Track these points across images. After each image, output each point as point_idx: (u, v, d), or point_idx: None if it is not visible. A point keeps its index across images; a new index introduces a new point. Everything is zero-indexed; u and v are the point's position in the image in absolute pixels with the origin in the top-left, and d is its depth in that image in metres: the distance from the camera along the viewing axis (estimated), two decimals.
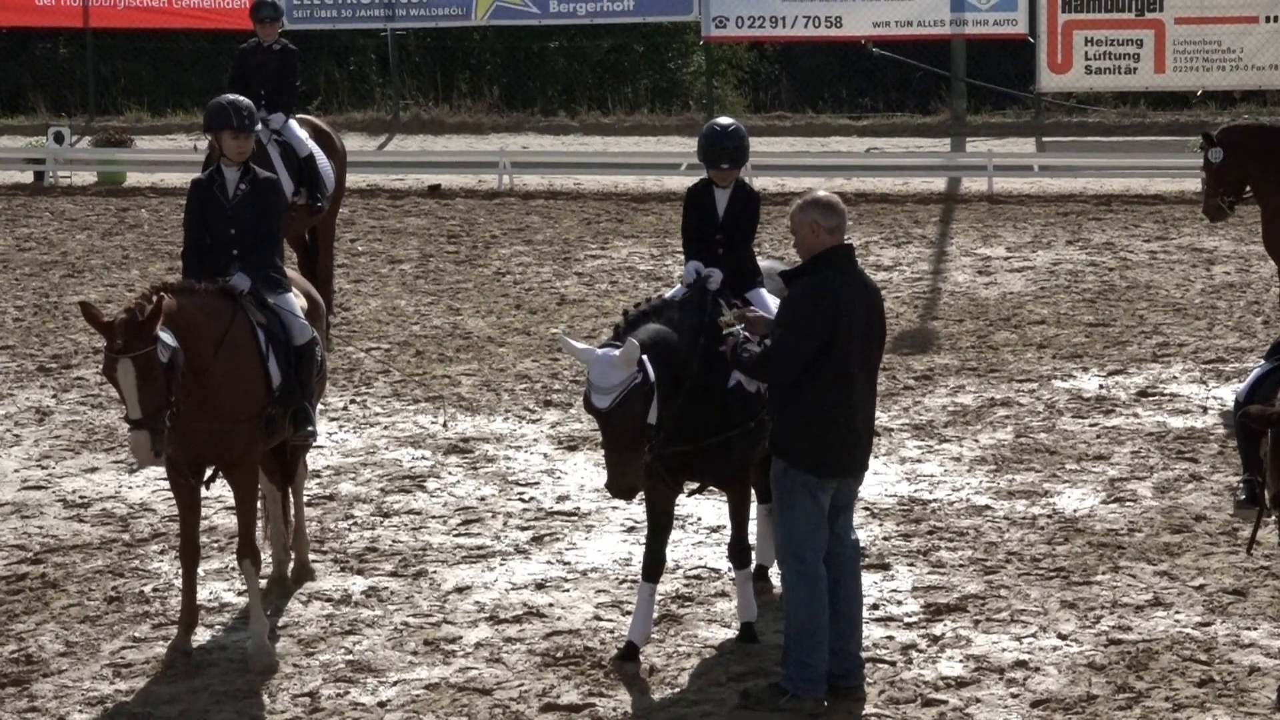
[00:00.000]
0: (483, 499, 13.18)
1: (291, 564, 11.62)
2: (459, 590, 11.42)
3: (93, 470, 14.04)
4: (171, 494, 10.91)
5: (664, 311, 10.10)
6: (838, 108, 32.94)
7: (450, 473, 13.81)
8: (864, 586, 10.12)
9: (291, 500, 11.72)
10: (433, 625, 10.87)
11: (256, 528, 10.79)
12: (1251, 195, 16.71)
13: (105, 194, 27.25)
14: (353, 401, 15.79)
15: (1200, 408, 15.16)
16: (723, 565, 11.51)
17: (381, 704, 9.84)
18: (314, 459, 13.42)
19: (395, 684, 10.08)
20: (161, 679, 10.20)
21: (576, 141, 30.89)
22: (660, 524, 10.38)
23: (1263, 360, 10.36)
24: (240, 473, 10.51)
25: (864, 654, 9.94)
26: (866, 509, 12.57)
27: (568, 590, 11.40)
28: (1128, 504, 12.84)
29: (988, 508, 12.78)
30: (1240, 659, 10.14)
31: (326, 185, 17.88)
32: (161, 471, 11.75)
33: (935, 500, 12.97)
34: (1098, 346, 17.28)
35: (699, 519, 12.52)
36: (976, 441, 14.32)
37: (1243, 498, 10.35)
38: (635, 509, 12.11)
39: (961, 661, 10.21)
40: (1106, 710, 9.58)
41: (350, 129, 30.06)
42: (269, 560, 11.53)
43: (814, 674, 9.57)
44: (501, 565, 11.86)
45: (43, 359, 17.39)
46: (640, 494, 10.09)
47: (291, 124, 17.69)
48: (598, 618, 10.94)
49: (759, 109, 33.91)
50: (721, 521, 11.92)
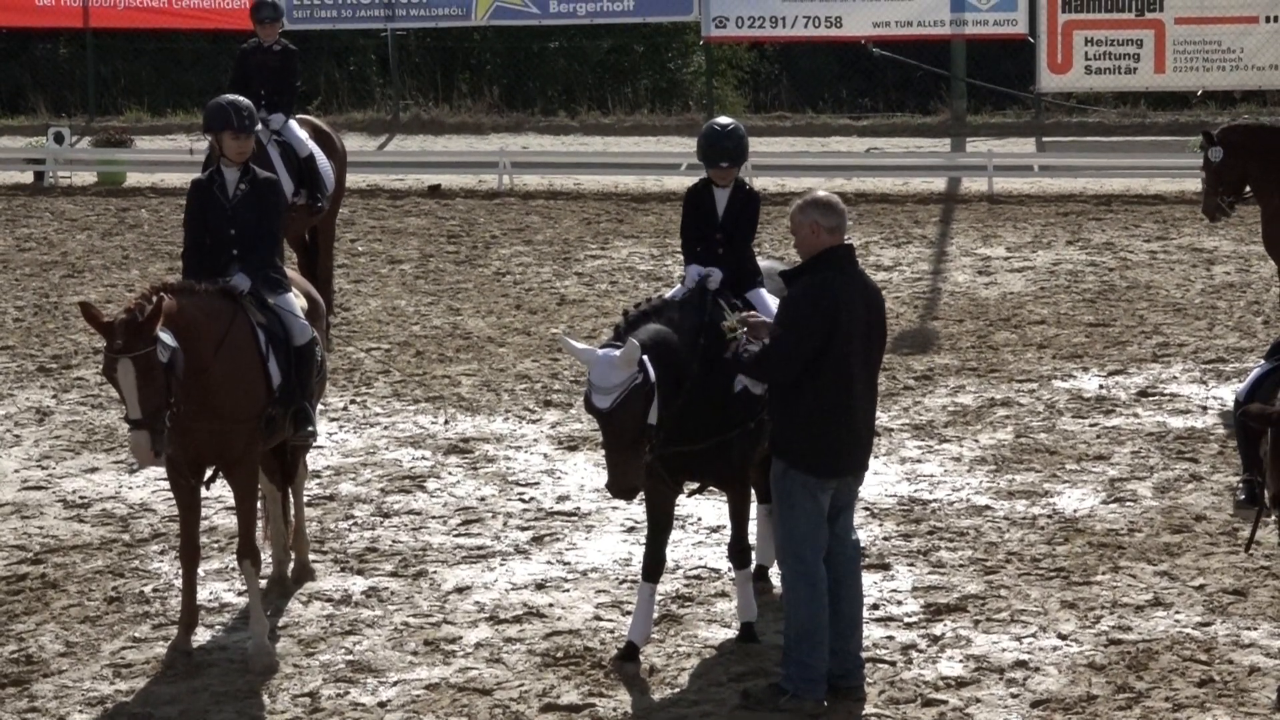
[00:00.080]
0: (483, 499, 13.18)
1: (291, 564, 11.62)
2: (459, 590, 11.41)
3: (93, 470, 14.04)
4: (171, 494, 10.91)
5: (664, 311, 10.10)
6: (838, 108, 32.92)
7: (450, 473, 13.81)
8: (864, 586, 10.11)
9: (291, 500, 11.71)
10: (433, 625, 10.87)
11: (256, 528, 10.78)
12: (1251, 195, 16.71)
13: (105, 194, 27.24)
14: (353, 402, 15.78)
15: (1200, 408, 15.16)
16: (723, 565, 11.51)
17: (382, 704, 9.84)
18: (314, 459, 13.42)
19: (395, 684, 10.07)
20: (162, 679, 10.20)
21: (576, 142, 30.88)
22: (660, 524, 10.38)
23: (1263, 360, 10.36)
24: (240, 473, 10.51)
25: (864, 654, 9.94)
26: (867, 509, 12.56)
27: (568, 590, 11.39)
28: (1128, 504, 12.83)
29: (988, 508, 12.78)
30: (1240, 659, 10.13)
31: (326, 185, 17.87)
32: (161, 472, 11.75)
33: (935, 500, 12.97)
34: (1098, 346, 17.28)
35: (699, 519, 12.52)
36: (976, 441, 14.32)
37: (1242, 498, 10.35)
38: (635, 509, 12.11)
39: (961, 661, 10.20)
40: (1106, 710, 9.58)
41: (350, 129, 30.05)
42: (269, 560, 11.53)
43: (814, 674, 9.57)
44: (502, 565, 11.86)
45: (43, 359, 17.39)
46: (640, 494, 10.09)
47: (291, 124, 17.68)
48: (598, 618, 10.94)
49: (759, 109, 33.90)
50: (721, 522, 11.92)
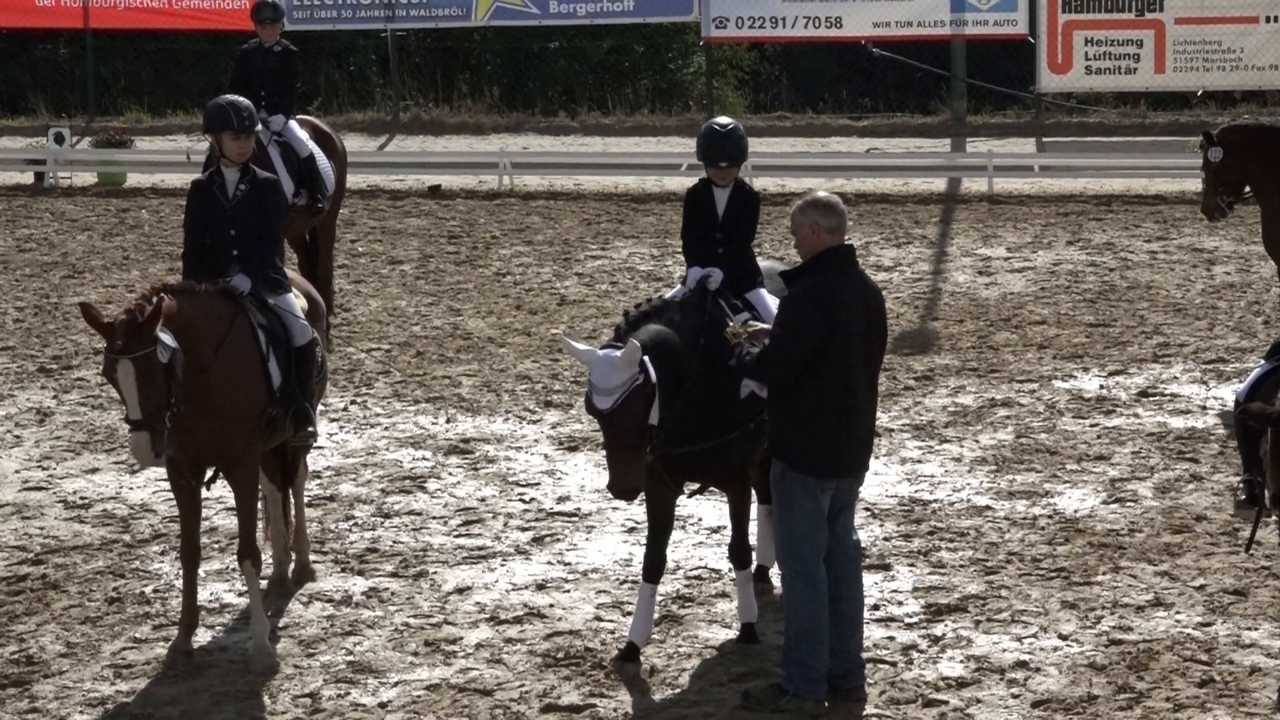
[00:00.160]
0: (483, 500, 13.18)
1: (292, 565, 11.61)
2: (460, 591, 11.41)
3: (93, 471, 14.04)
4: (172, 495, 10.91)
5: (664, 312, 10.10)
6: (838, 108, 32.92)
7: (451, 473, 13.81)
8: (865, 587, 10.11)
9: (292, 501, 11.71)
10: (433, 626, 10.87)
11: (257, 529, 10.78)
12: (1251, 195, 16.71)
13: (105, 195, 27.24)
14: (353, 402, 15.78)
15: (1201, 408, 15.16)
16: (723, 566, 11.51)
17: (382, 705, 9.84)
18: (314, 460, 13.42)
19: (396, 685, 10.07)
20: (162, 680, 10.20)
21: (577, 142, 30.87)
22: (661, 525, 10.38)
23: (1263, 360, 10.36)
24: (241, 473, 10.51)
25: (865, 654, 9.94)
26: (867, 509, 12.56)
27: (568, 591, 11.39)
28: (1128, 504, 12.83)
29: (988, 508, 12.78)
30: (1241, 659, 10.13)
31: (327, 186, 17.87)
32: (162, 472, 11.75)
33: (936, 501, 12.97)
34: (1098, 347, 17.27)
35: (699, 520, 12.52)
36: (977, 442, 14.31)
37: (1243, 498, 10.35)
38: (636, 510, 12.10)
39: (962, 662, 10.20)
40: (1107, 710, 9.58)
41: (350, 129, 30.05)
42: (269, 561, 11.53)
43: (815, 674, 9.57)
44: (502, 566, 11.86)
45: (43, 360, 17.39)
46: (641, 495, 10.09)
47: (292, 125, 17.68)
48: (598, 618, 10.94)
49: (759, 109, 33.90)
50: (722, 522, 11.92)
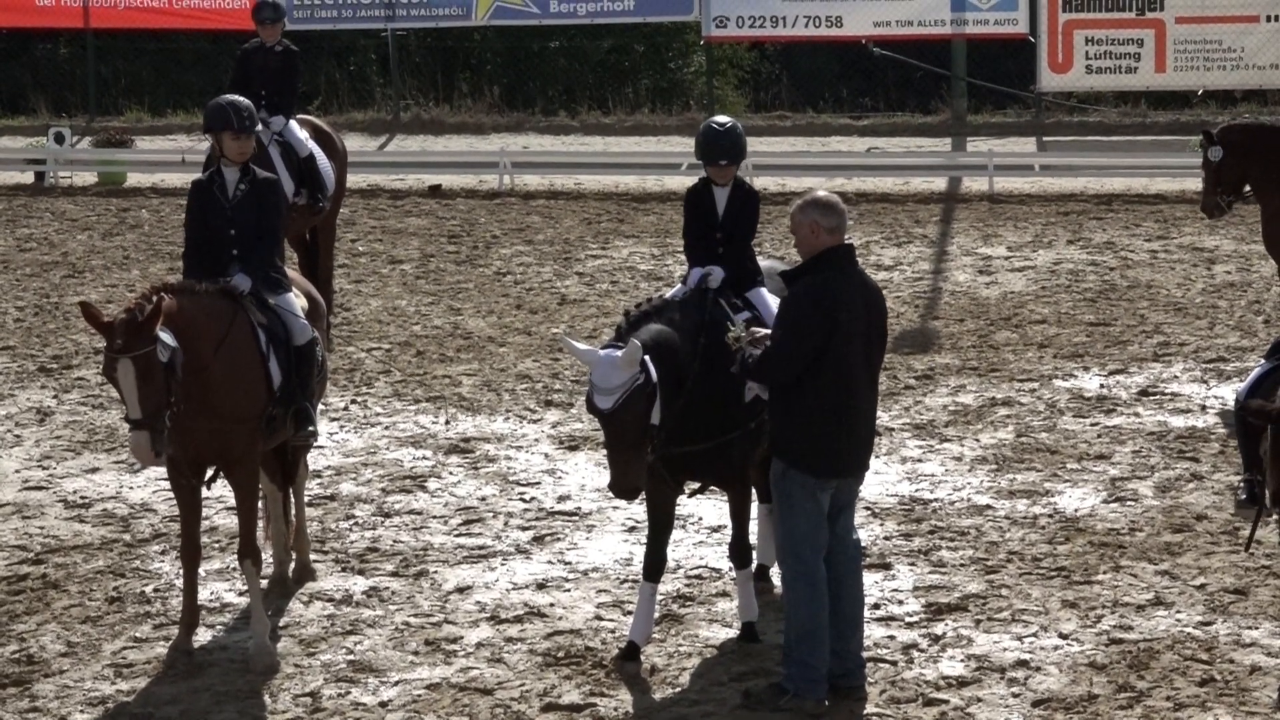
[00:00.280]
0: (484, 499, 13.18)
1: (292, 564, 11.62)
2: (460, 590, 11.41)
3: (94, 471, 14.04)
4: (172, 494, 10.91)
5: (665, 311, 10.10)
6: (838, 107, 32.91)
7: (451, 473, 13.81)
8: (865, 586, 10.11)
9: (292, 500, 11.71)
10: (434, 625, 10.87)
11: (257, 528, 10.79)
12: (1251, 194, 16.70)
13: (106, 194, 27.24)
14: (353, 401, 15.78)
15: (1201, 407, 15.16)
16: (724, 565, 11.51)
17: (383, 704, 9.84)
18: (315, 459, 13.42)
19: (396, 684, 10.07)
20: (163, 679, 10.20)
21: (577, 141, 30.87)
22: (661, 524, 10.38)
23: (1263, 360, 10.36)
24: (241, 473, 10.51)
25: (865, 653, 9.94)
26: (868, 508, 12.56)
27: (569, 590, 11.39)
28: (1129, 503, 12.83)
29: (989, 507, 12.77)
30: (1241, 658, 10.13)
31: (327, 185, 17.87)
32: (162, 472, 11.75)
33: (936, 500, 12.97)
34: (1099, 346, 17.27)
35: (700, 519, 12.51)
36: (977, 441, 14.31)
37: (1243, 497, 10.34)
38: (636, 509, 12.10)
39: (963, 661, 10.20)
40: (1108, 710, 9.58)
41: (351, 129, 30.05)
42: (270, 560, 11.53)
43: (815, 674, 9.57)
44: (503, 565, 11.86)
45: (43, 359, 17.39)
46: (641, 494, 10.09)
47: (292, 124, 17.67)
48: (599, 618, 10.94)
49: (760, 109, 33.89)
50: (722, 521, 11.92)
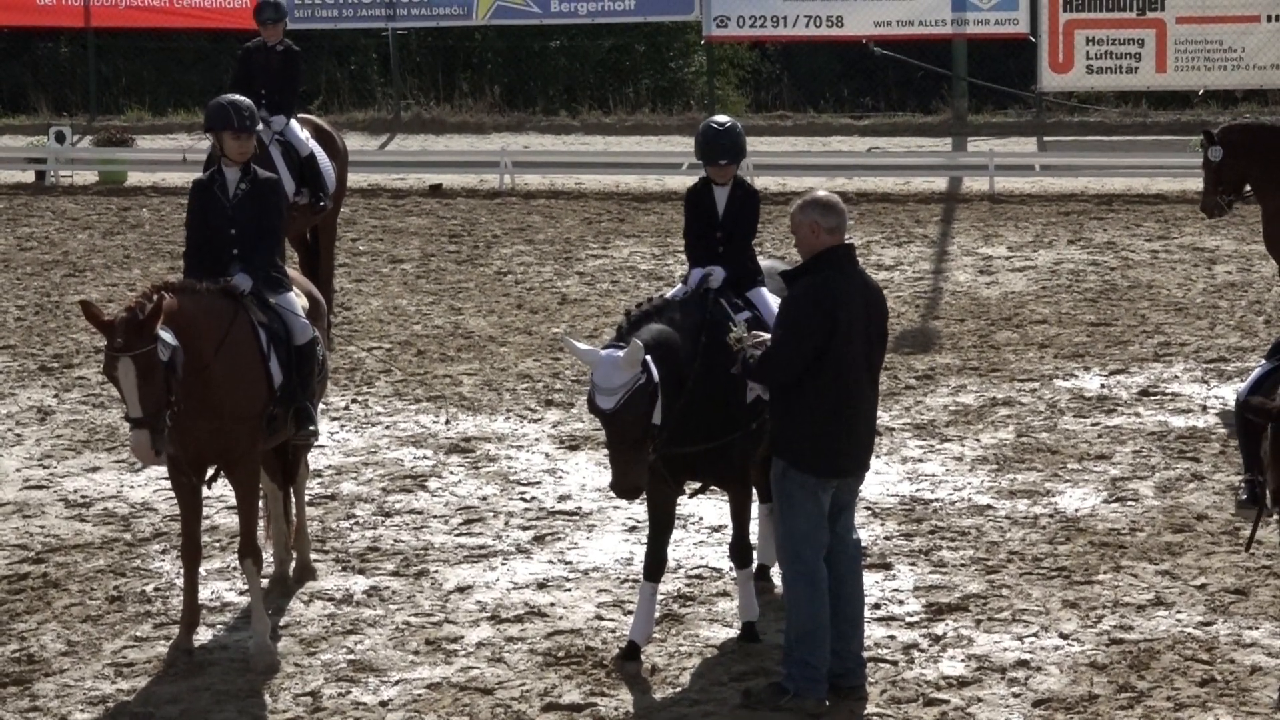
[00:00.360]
0: (484, 498, 13.18)
1: (293, 563, 11.62)
2: (460, 590, 11.41)
3: (94, 470, 14.04)
4: (173, 493, 10.91)
5: (665, 311, 10.10)
6: (839, 107, 32.92)
7: (452, 472, 13.81)
8: (865, 586, 10.11)
9: (293, 500, 11.71)
10: (434, 625, 10.87)
11: (258, 527, 10.79)
12: (1251, 194, 16.70)
13: (106, 193, 27.25)
14: (354, 401, 15.78)
15: (1202, 407, 15.16)
16: (724, 565, 11.51)
17: (383, 703, 9.84)
18: (315, 458, 13.41)
19: (397, 683, 10.07)
20: (163, 678, 10.20)
21: (578, 141, 30.88)
22: (662, 524, 10.38)
23: (1264, 360, 10.36)
24: (242, 472, 10.51)
25: (865, 653, 9.93)
26: (868, 508, 12.56)
27: (569, 590, 11.39)
28: (1129, 503, 12.83)
29: (989, 507, 12.77)
30: (1242, 658, 10.13)
31: (328, 185, 17.87)
32: (163, 471, 11.75)
33: (937, 500, 12.97)
34: (1099, 346, 17.27)
35: (700, 518, 12.51)
36: (978, 441, 14.31)
37: (1244, 497, 10.35)
38: (637, 508, 12.10)
39: (963, 661, 10.20)
40: (1108, 710, 9.58)
41: (351, 128, 30.06)
42: (270, 559, 11.53)
43: (816, 674, 9.57)
44: (503, 565, 11.86)
45: (44, 358, 17.39)
46: (642, 494, 10.08)
47: (293, 124, 17.68)
48: (599, 617, 10.94)
49: (760, 109, 33.90)
50: (723, 521, 11.92)
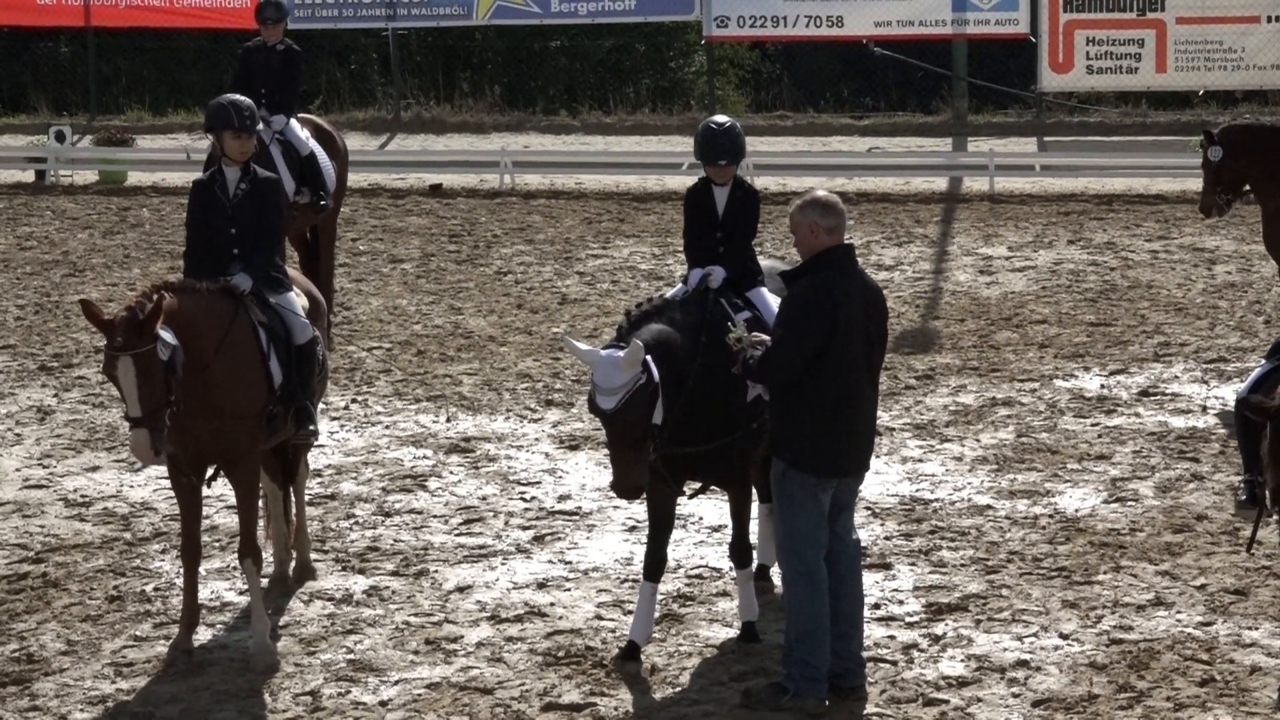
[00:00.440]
0: (484, 498, 13.18)
1: (293, 563, 11.62)
2: (460, 590, 11.41)
3: (94, 469, 14.04)
4: (172, 493, 10.91)
5: (666, 311, 10.11)
6: (839, 107, 32.92)
7: (452, 472, 13.81)
8: (865, 586, 10.12)
9: (293, 499, 11.72)
10: (434, 624, 10.87)
11: (258, 527, 10.79)
12: (1250, 194, 16.70)
13: (106, 193, 27.24)
14: (354, 401, 15.78)
15: (1202, 407, 15.16)
16: (724, 565, 11.51)
17: (383, 703, 9.84)
18: (315, 458, 13.41)
19: (397, 683, 10.07)
20: (163, 678, 10.20)
21: (578, 141, 30.87)
22: (662, 523, 10.38)
23: (1264, 360, 10.36)
24: (242, 471, 10.51)
25: (865, 653, 9.94)
26: (868, 508, 12.56)
27: (569, 590, 11.39)
28: (1129, 503, 12.83)
29: (989, 507, 12.77)
30: (1242, 659, 10.13)
31: (328, 184, 17.87)
32: (163, 470, 11.75)
33: (937, 500, 12.97)
34: (1099, 346, 17.27)
35: (700, 518, 12.51)
36: (978, 441, 14.31)
37: (1243, 498, 10.34)
38: (636, 508, 12.11)
39: (963, 661, 10.20)
40: (1108, 710, 9.58)
41: (352, 128, 30.05)
42: (270, 559, 11.53)
43: (815, 673, 9.57)
44: (503, 564, 11.86)
45: (44, 358, 17.39)
46: (643, 494, 10.08)
47: (293, 123, 17.68)
48: (599, 617, 10.94)
49: (760, 109, 33.89)
50: (723, 521, 11.91)
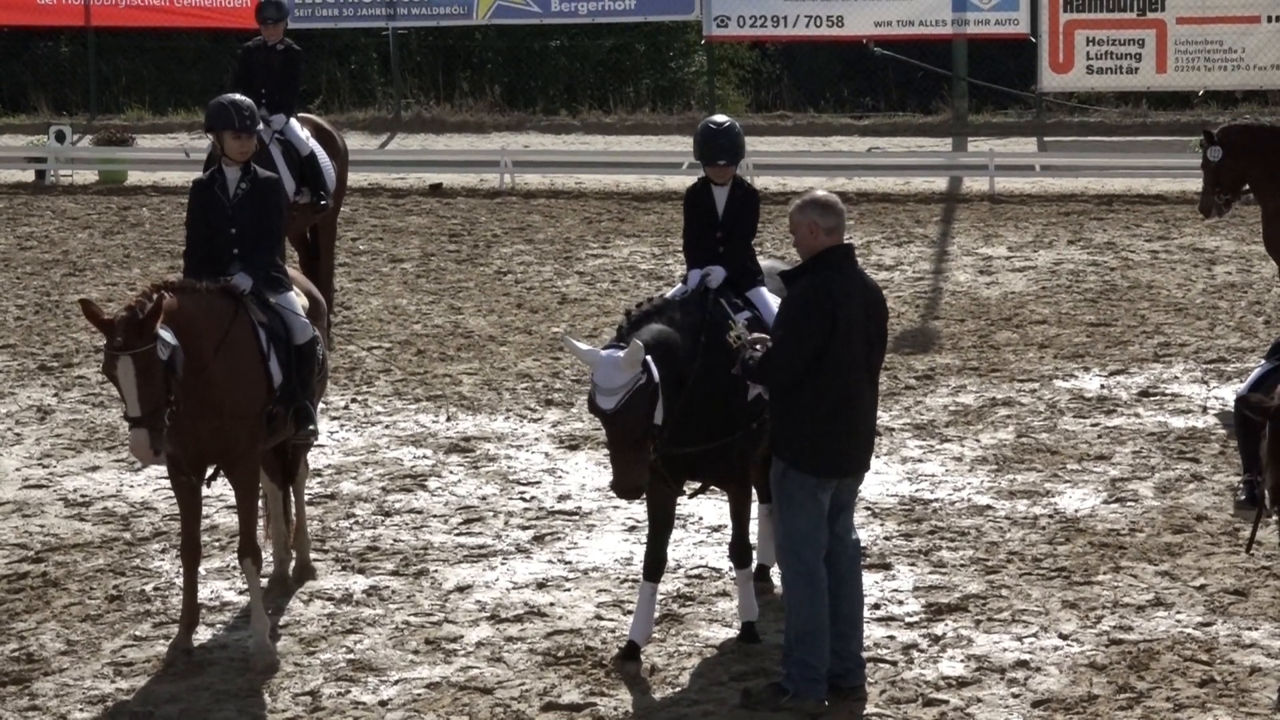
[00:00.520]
0: (484, 498, 13.18)
1: (293, 563, 11.62)
2: (460, 589, 11.41)
3: (94, 469, 14.04)
4: (172, 493, 10.91)
5: (666, 311, 10.11)
6: (839, 107, 32.92)
7: (451, 472, 13.81)
8: (865, 586, 10.12)
9: (293, 499, 11.72)
10: (434, 624, 10.87)
11: (258, 526, 10.79)
12: (1250, 194, 16.70)
13: (106, 193, 27.25)
14: (354, 400, 15.78)
15: (1202, 408, 15.16)
16: (724, 565, 11.51)
17: (383, 703, 9.84)
18: (315, 458, 13.41)
19: (396, 683, 10.07)
20: (162, 677, 10.20)
21: (578, 141, 30.88)
22: (661, 523, 10.38)
23: (1263, 360, 10.37)
24: (241, 471, 10.51)
25: (865, 654, 9.94)
26: (868, 508, 12.57)
27: (569, 589, 11.39)
28: (1129, 504, 12.83)
29: (989, 507, 12.77)
30: (1241, 659, 10.13)
31: (328, 184, 17.87)
32: (163, 470, 11.75)
33: (936, 500, 12.97)
34: (1099, 346, 17.27)
35: (700, 518, 12.51)
36: (978, 441, 14.31)
37: (1242, 498, 10.35)
38: (636, 508, 12.11)
39: (963, 661, 10.20)
40: (1107, 710, 9.58)
41: (352, 128, 30.05)
42: (270, 559, 11.53)
43: (815, 674, 9.57)
44: (503, 564, 11.86)
45: (44, 358, 17.39)
46: (643, 493, 10.08)
47: (293, 123, 17.68)
48: (599, 617, 10.94)
49: (761, 108, 33.90)
50: (723, 521, 11.92)
